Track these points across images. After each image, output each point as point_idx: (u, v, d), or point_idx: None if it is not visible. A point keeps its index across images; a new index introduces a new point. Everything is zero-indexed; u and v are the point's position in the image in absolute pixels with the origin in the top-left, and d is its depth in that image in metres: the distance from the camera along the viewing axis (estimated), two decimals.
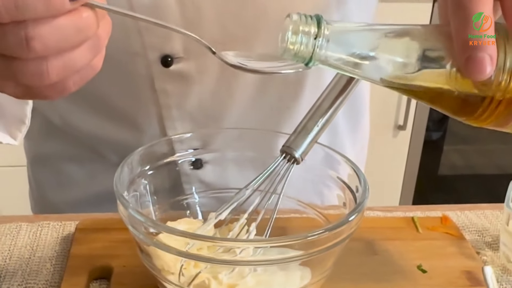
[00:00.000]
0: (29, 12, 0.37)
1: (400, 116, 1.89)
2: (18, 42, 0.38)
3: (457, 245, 0.64)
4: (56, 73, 0.40)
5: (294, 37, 0.43)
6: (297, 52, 0.44)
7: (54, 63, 0.39)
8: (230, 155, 0.64)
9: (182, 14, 0.63)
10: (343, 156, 0.58)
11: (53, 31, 0.38)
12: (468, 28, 0.41)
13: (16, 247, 0.64)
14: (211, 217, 0.55)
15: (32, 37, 0.38)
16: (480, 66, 0.41)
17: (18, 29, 0.37)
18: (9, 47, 0.38)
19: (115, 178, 0.53)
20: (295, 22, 0.43)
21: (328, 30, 0.44)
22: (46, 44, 0.38)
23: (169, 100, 0.68)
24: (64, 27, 0.38)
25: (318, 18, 0.44)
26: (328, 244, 0.50)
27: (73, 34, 0.39)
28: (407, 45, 0.45)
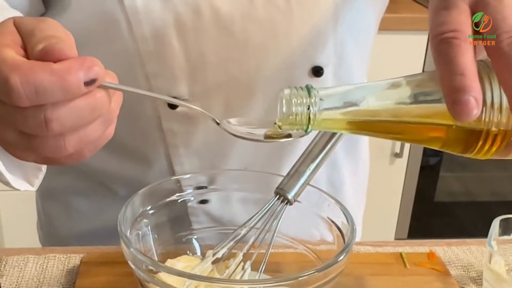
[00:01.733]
0: (48, 97, 0.40)
1: (397, 144, 1.93)
2: (38, 124, 0.41)
3: (442, 280, 0.67)
4: (72, 146, 0.43)
5: (289, 110, 0.47)
6: (294, 123, 0.47)
7: (70, 138, 0.43)
8: (235, 194, 0.67)
9: (187, 59, 0.66)
10: (333, 197, 0.61)
11: (69, 113, 0.41)
12: (451, 73, 0.43)
13: (23, 279, 0.67)
14: (209, 255, 0.59)
15: (50, 120, 0.41)
16: (466, 108, 0.42)
17: (38, 112, 0.41)
18: (29, 127, 0.42)
19: (119, 218, 0.56)
20: (286, 96, 0.47)
21: (318, 98, 0.47)
22: (64, 124, 0.41)
23: (176, 139, 0.71)
24: (80, 108, 0.42)
25: (308, 88, 0.47)
26: (319, 283, 0.53)
27: (88, 113, 0.42)
28: (402, 93, 0.47)
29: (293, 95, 0.47)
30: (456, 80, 0.42)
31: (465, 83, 0.42)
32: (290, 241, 0.64)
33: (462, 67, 0.43)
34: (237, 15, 0.65)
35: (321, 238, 0.63)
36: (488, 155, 0.48)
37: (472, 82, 0.42)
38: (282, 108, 0.47)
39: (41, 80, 0.40)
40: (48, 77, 0.40)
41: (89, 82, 0.41)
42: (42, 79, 0.40)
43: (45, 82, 0.40)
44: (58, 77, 0.40)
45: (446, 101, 0.43)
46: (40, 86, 0.40)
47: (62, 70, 0.40)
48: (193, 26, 0.65)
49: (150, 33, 0.64)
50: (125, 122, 0.72)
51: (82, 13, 0.64)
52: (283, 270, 0.63)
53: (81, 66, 0.41)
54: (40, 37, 0.42)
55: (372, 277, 0.67)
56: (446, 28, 0.44)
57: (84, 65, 0.41)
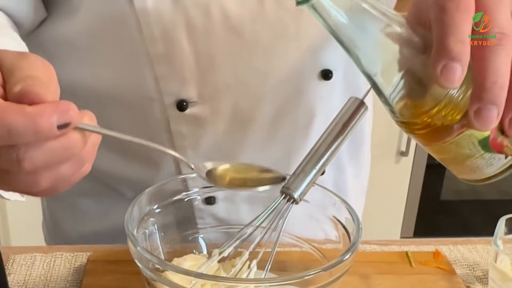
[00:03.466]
0: (20, 139, 0.40)
1: (403, 142, 1.93)
2: (11, 162, 0.41)
3: (448, 279, 0.68)
4: (45, 183, 0.44)
5: None
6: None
7: (43, 176, 0.43)
8: (242, 193, 0.68)
9: (196, 61, 0.66)
10: (338, 196, 0.62)
11: (42, 153, 0.42)
12: (452, 36, 0.42)
13: (31, 278, 0.67)
14: (215, 254, 0.59)
15: (23, 159, 0.41)
16: (453, 75, 0.42)
17: (11, 151, 0.41)
18: (3, 164, 0.42)
19: (126, 217, 0.56)
20: None
21: None
22: (36, 163, 0.42)
23: (184, 141, 0.71)
24: (53, 149, 0.42)
25: None
26: (325, 282, 0.53)
27: (61, 154, 0.43)
28: (390, 43, 0.47)
29: None
30: (456, 45, 0.42)
31: (462, 51, 0.42)
32: (296, 240, 0.65)
33: (464, 34, 0.42)
34: (247, 17, 0.65)
35: (326, 237, 0.63)
36: (414, 133, 0.48)
37: (467, 54, 0.42)
38: None
39: (14, 122, 0.40)
40: (21, 120, 0.40)
41: (63, 126, 0.41)
42: (16, 121, 0.40)
43: (18, 124, 0.40)
44: (30, 119, 0.40)
45: (434, 62, 0.43)
46: (13, 128, 0.40)
47: (35, 114, 0.41)
48: (203, 28, 0.65)
49: (160, 35, 0.65)
50: (133, 124, 0.72)
51: (92, 15, 0.65)
52: (288, 269, 0.63)
53: (54, 110, 0.41)
54: (18, 77, 0.42)
55: (378, 275, 0.67)
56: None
57: (58, 109, 0.41)
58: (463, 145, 0.49)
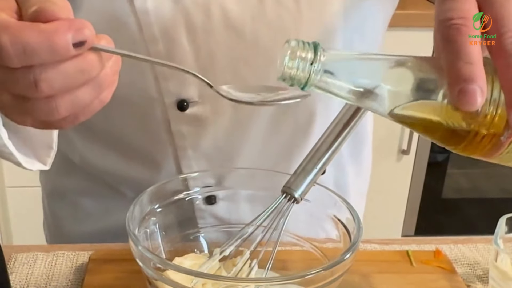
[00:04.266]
0: (36, 58, 0.40)
1: (404, 140, 1.93)
2: (28, 85, 0.41)
3: (448, 278, 0.68)
4: (64, 109, 0.43)
5: (291, 62, 0.46)
6: (293, 76, 0.46)
7: (62, 101, 0.43)
8: (242, 193, 0.68)
9: (197, 60, 0.66)
10: (339, 196, 0.62)
11: (58, 74, 0.41)
12: (459, 61, 0.42)
13: (32, 276, 0.68)
14: (216, 253, 0.59)
15: (39, 80, 0.41)
16: (471, 98, 0.42)
17: (27, 73, 0.41)
18: (21, 89, 0.42)
19: (127, 217, 0.57)
20: (293, 47, 0.46)
21: (324, 57, 0.46)
22: (53, 85, 0.42)
23: (185, 141, 0.72)
24: (69, 70, 0.42)
25: (315, 44, 0.46)
26: (325, 281, 0.53)
27: (78, 76, 0.42)
28: (401, 76, 0.47)
29: (299, 48, 0.46)
30: (464, 68, 0.42)
31: (473, 72, 0.42)
32: (296, 239, 0.65)
33: (471, 55, 0.42)
34: (246, 16, 0.65)
35: (327, 236, 0.63)
36: (472, 154, 0.48)
37: (479, 71, 0.42)
38: (285, 58, 0.46)
39: (29, 40, 0.40)
40: (36, 37, 0.40)
41: (78, 44, 0.41)
42: (30, 38, 0.40)
43: (33, 42, 0.40)
44: (45, 37, 0.40)
45: (450, 90, 0.43)
46: (28, 46, 0.40)
47: (50, 30, 0.40)
48: (203, 27, 0.65)
49: (160, 34, 0.65)
50: (134, 123, 0.72)
51: (92, 15, 0.65)
52: (289, 268, 0.63)
53: (69, 27, 0.41)
54: (34, 1, 0.42)
55: (378, 274, 0.68)
56: (455, 14, 0.43)
57: (72, 27, 0.41)
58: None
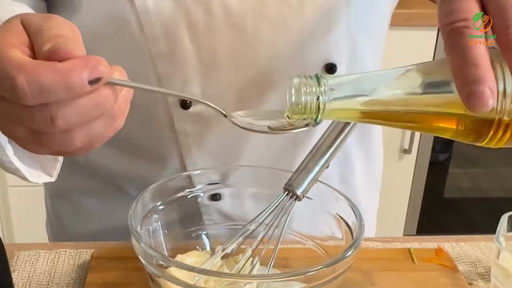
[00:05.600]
0: (53, 96, 0.41)
1: (406, 140, 1.93)
2: (44, 121, 0.42)
3: (450, 276, 0.68)
4: (80, 141, 0.44)
5: (298, 99, 0.46)
6: (303, 112, 0.47)
7: (77, 134, 0.44)
8: (247, 190, 0.68)
9: (199, 59, 0.66)
10: (341, 193, 0.62)
11: (74, 110, 0.42)
12: (464, 64, 0.42)
13: (35, 274, 0.68)
14: (218, 250, 0.59)
15: (55, 117, 0.42)
16: (482, 100, 0.42)
17: (43, 110, 0.42)
18: (36, 124, 0.43)
19: (130, 214, 0.57)
20: (296, 84, 0.47)
21: (327, 87, 0.46)
22: (68, 121, 0.42)
23: (189, 140, 0.71)
24: (85, 106, 0.42)
25: (318, 77, 0.47)
26: (327, 278, 0.53)
27: (93, 110, 0.43)
28: (413, 82, 0.47)
29: (302, 84, 0.47)
30: (470, 71, 0.42)
31: (479, 74, 0.42)
32: (298, 237, 0.65)
33: (475, 57, 0.42)
34: (248, 13, 0.65)
35: (329, 234, 0.63)
36: (500, 143, 0.48)
37: (486, 72, 0.42)
38: (291, 98, 0.47)
39: (46, 80, 0.40)
40: (52, 77, 0.41)
41: (94, 81, 0.42)
42: (47, 78, 0.40)
43: (50, 82, 0.40)
44: (62, 76, 0.41)
45: (460, 93, 0.43)
46: (44, 86, 0.40)
47: (66, 69, 0.41)
48: (205, 25, 0.65)
49: (162, 33, 0.65)
50: (137, 122, 0.72)
51: (93, 14, 0.65)
52: (291, 265, 0.63)
53: (85, 65, 0.41)
54: (47, 37, 0.43)
55: (380, 272, 0.68)
56: (456, 17, 0.43)
57: (88, 65, 0.42)
58: None
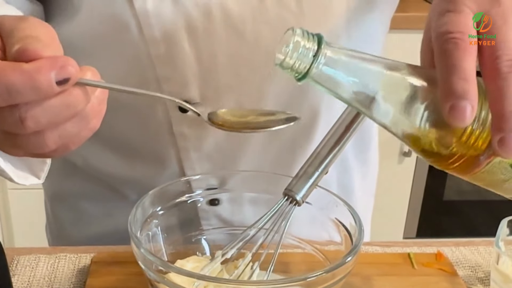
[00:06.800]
0: (20, 97, 0.41)
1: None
2: (15, 122, 0.42)
3: (450, 281, 0.68)
4: (53, 142, 0.44)
5: (294, 50, 0.45)
6: (293, 65, 0.46)
7: (50, 135, 0.44)
8: (245, 195, 0.68)
9: (198, 62, 0.66)
10: (341, 198, 0.62)
11: (44, 111, 0.42)
12: (454, 76, 0.42)
13: (35, 279, 0.68)
14: (218, 255, 0.59)
15: (25, 118, 0.42)
16: (461, 114, 0.42)
17: (13, 111, 0.42)
18: (8, 126, 0.43)
19: (129, 219, 0.57)
20: (297, 36, 0.46)
21: (327, 50, 0.46)
22: (39, 122, 0.42)
23: (187, 143, 0.72)
24: (55, 106, 0.42)
25: (320, 37, 0.46)
26: (327, 284, 0.53)
27: (64, 111, 0.43)
28: (395, 85, 0.47)
29: (304, 38, 0.46)
30: (459, 84, 0.42)
31: (467, 88, 0.42)
32: (298, 242, 0.65)
33: (466, 72, 0.42)
34: (248, 16, 0.65)
35: (329, 238, 0.63)
36: (447, 169, 0.49)
37: (473, 89, 0.42)
38: (288, 46, 0.45)
39: (12, 81, 0.40)
40: (18, 78, 0.40)
41: (62, 81, 0.42)
42: (13, 79, 0.40)
43: (16, 83, 0.40)
44: (28, 77, 0.40)
45: (442, 103, 0.43)
46: (11, 87, 0.40)
47: (32, 70, 0.41)
48: (204, 28, 0.65)
49: (161, 36, 0.65)
50: (136, 126, 0.73)
51: (92, 17, 0.65)
52: (291, 270, 0.63)
53: (52, 65, 0.41)
54: (17, 38, 0.42)
55: (380, 277, 0.68)
56: (453, 28, 0.44)
57: (55, 65, 0.41)
58: (495, 172, 0.48)
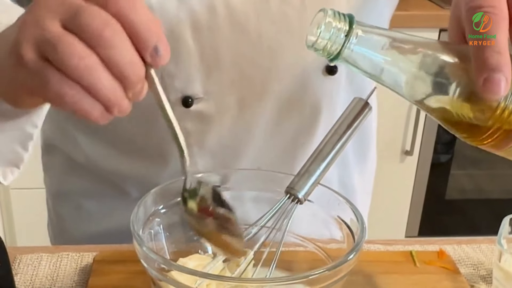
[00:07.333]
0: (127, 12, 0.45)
1: (407, 141, 1.93)
2: (103, 21, 0.44)
3: (452, 279, 0.68)
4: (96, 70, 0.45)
5: (326, 31, 0.45)
6: (325, 47, 0.46)
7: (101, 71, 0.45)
8: (247, 193, 0.68)
9: (202, 57, 0.67)
10: (343, 196, 0.62)
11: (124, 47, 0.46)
12: (487, 49, 0.42)
13: (37, 277, 0.68)
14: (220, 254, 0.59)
15: (109, 23, 0.44)
16: (496, 86, 0.42)
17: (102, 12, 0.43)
18: (94, 24, 0.43)
19: (132, 218, 0.57)
20: (329, 17, 0.45)
21: (358, 30, 0.46)
22: (115, 34, 0.45)
23: (190, 138, 0.72)
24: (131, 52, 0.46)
25: (351, 17, 0.46)
26: (329, 282, 0.53)
27: (131, 71, 0.46)
28: (425, 64, 0.47)
29: (336, 18, 0.46)
30: (493, 57, 0.42)
31: (502, 61, 0.42)
32: (300, 240, 0.65)
33: (500, 44, 0.42)
34: (251, 13, 0.66)
35: (331, 236, 0.63)
36: (481, 145, 0.48)
37: (507, 61, 0.42)
38: (320, 27, 0.45)
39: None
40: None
41: (156, 49, 0.45)
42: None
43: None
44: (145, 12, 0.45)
45: (477, 75, 0.43)
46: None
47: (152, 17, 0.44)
48: (208, 24, 0.65)
49: (165, 32, 0.64)
50: (138, 122, 0.73)
51: None
52: (293, 268, 0.63)
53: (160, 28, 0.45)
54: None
55: (382, 275, 0.68)
56: (484, 2, 0.43)
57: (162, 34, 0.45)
58: None
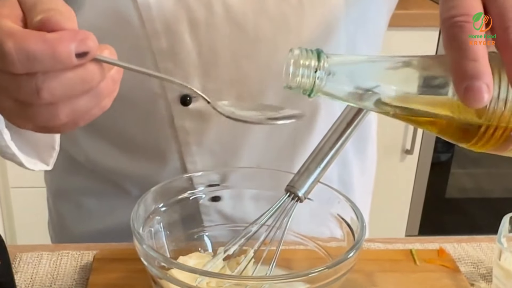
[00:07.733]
0: (39, 65, 0.42)
1: (407, 140, 1.93)
2: (30, 92, 0.43)
3: (452, 277, 0.68)
4: (65, 116, 0.45)
5: (296, 70, 0.46)
6: (299, 84, 0.47)
7: (63, 108, 0.44)
8: (247, 192, 0.68)
9: (199, 55, 0.67)
10: (343, 194, 0.62)
11: (60, 83, 0.43)
12: (463, 58, 0.42)
13: (37, 276, 0.68)
14: (220, 252, 0.59)
15: (41, 88, 0.42)
16: (477, 95, 0.42)
17: (30, 80, 0.42)
18: (23, 95, 0.43)
19: (132, 216, 0.57)
20: (296, 56, 0.47)
21: (327, 63, 0.46)
22: (54, 94, 0.43)
23: (189, 137, 0.72)
24: (71, 79, 0.43)
25: (318, 52, 0.47)
26: (329, 280, 0.54)
27: (79, 85, 0.44)
28: (408, 75, 0.47)
29: (303, 56, 0.47)
30: (469, 66, 0.42)
31: (477, 69, 0.42)
32: (300, 238, 0.65)
33: (474, 52, 0.42)
34: (248, 10, 0.66)
35: (331, 235, 0.63)
36: (483, 148, 0.48)
37: (484, 68, 0.42)
38: (289, 68, 0.47)
39: (34, 48, 0.41)
40: (40, 45, 0.41)
41: (81, 55, 0.42)
42: (35, 47, 0.41)
43: (37, 50, 0.41)
44: (49, 46, 0.41)
45: (457, 87, 0.43)
46: (32, 53, 0.41)
47: (54, 39, 0.42)
48: (206, 22, 0.65)
49: (163, 30, 0.65)
50: (138, 120, 0.73)
51: (95, 11, 0.65)
52: (293, 266, 0.64)
53: (73, 37, 0.42)
54: (40, 10, 0.43)
55: (382, 273, 0.68)
56: (458, 12, 0.43)
57: (76, 37, 0.42)
58: None
